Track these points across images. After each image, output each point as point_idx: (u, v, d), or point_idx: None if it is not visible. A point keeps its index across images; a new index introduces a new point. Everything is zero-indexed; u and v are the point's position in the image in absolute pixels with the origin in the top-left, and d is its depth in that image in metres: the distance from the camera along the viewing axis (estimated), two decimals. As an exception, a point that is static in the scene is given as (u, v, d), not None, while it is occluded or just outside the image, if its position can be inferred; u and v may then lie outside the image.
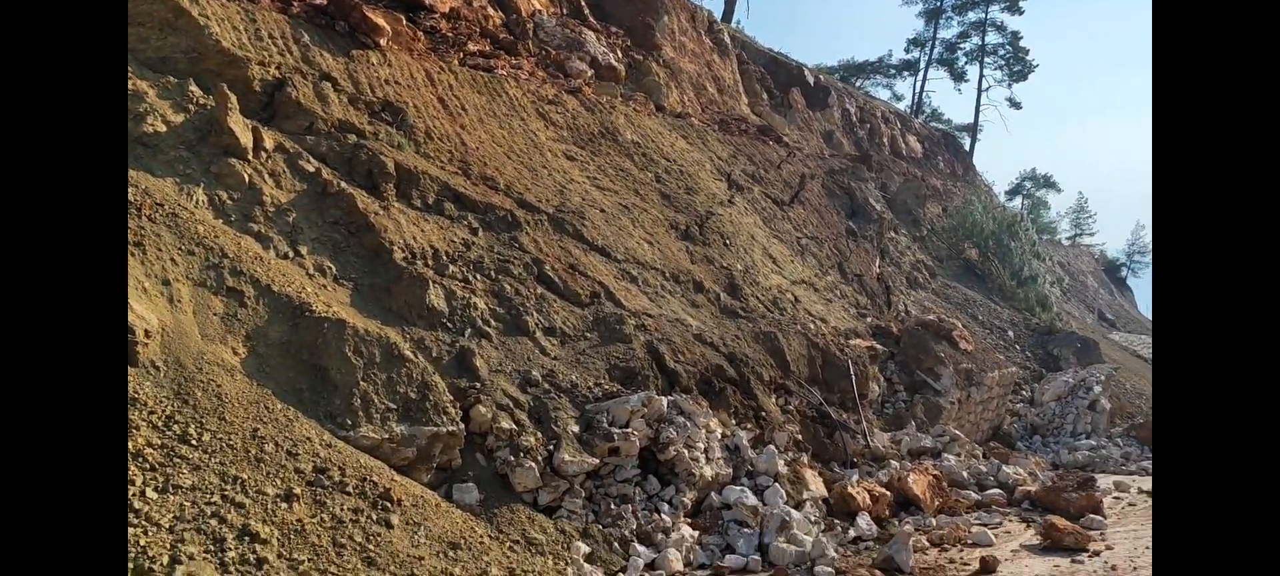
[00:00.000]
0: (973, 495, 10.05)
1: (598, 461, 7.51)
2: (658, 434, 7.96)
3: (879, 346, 12.65)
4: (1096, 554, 8.07)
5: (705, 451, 8.32)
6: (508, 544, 6.47)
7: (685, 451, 8.03)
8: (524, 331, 8.53)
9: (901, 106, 47.07)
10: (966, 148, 46.65)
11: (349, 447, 6.30)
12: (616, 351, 8.87)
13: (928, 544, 8.22)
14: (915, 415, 11.96)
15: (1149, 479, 12.35)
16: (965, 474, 10.51)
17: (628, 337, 9.08)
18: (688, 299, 10.80)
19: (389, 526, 5.77)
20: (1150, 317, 55.88)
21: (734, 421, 9.05)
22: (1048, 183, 62.84)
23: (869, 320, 14.43)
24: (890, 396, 12.56)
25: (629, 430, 7.77)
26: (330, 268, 7.84)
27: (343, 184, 8.55)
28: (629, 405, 7.91)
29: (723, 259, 12.37)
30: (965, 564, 7.67)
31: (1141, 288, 63.27)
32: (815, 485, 8.66)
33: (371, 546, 5.51)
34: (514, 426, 7.36)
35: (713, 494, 8.12)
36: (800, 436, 9.85)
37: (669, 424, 8.06)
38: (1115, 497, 10.98)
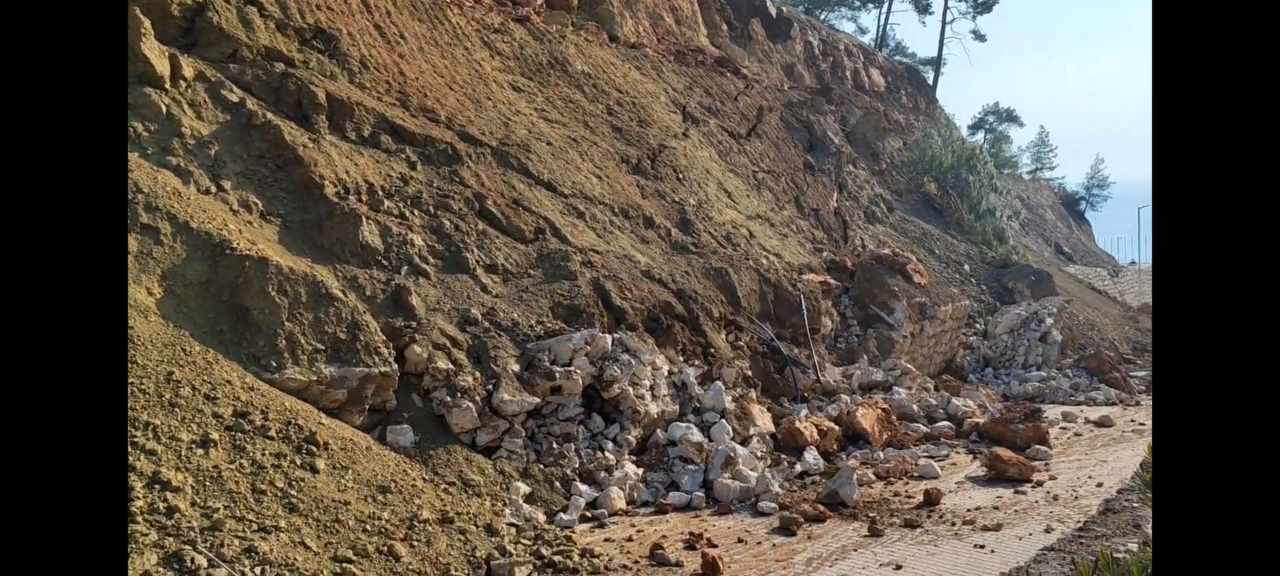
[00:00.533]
0: (922, 428, 10.07)
1: (539, 400, 7.34)
2: (602, 372, 7.79)
3: (833, 281, 12.55)
4: (1039, 484, 8.12)
5: (651, 388, 8.18)
6: (443, 486, 6.30)
7: (630, 389, 7.89)
8: (464, 268, 8.26)
9: (866, 40, 46.59)
10: (930, 82, 46.49)
11: (274, 391, 6.05)
12: (561, 288, 8.65)
13: (874, 477, 8.21)
14: (868, 349, 11.93)
15: (1096, 409, 12.51)
16: (915, 407, 10.52)
17: (573, 274, 8.85)
18: (637, 234, 10.57)
19: (314, 471, 5.56)
20: (1107, 251, 56.81)
21: (682, 358, 8.92)
22: (1010, 117, 62.86)
23: (825, 255, 14.32)
24: (843, 331, 12.51)
25: (572, 368, 7.60)
26: (256, 203, 7.48)
27: (269, 115, 8.13)
28: (572, 343, 7.73)
29: (675, 193, 12.13)
30: (910, 496, 7.67)
31: (1099, 221, 64.15)
32: (762, 420, 8.59)
33: (294, 492, 5.30)
34: (451, 366, 7.14)
35: (659, 431, 8.01)
36: (750, 372, 9.76)
37: (613, 361, 7.90)
38: (1062, 428, 11.10)
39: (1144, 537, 5.40)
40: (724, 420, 8.28)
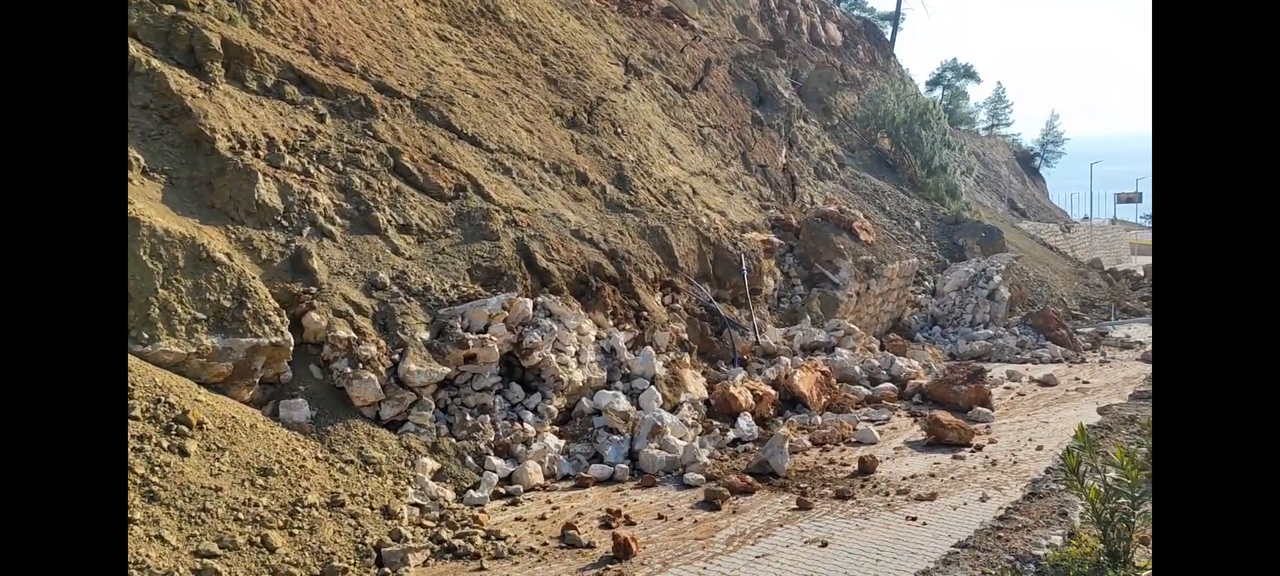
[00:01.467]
0: (863, 390, 9.78)
1: (450, 370, 6.86)
2: (521, 338, 7.32)
3: (776, 239, 12.15)
4: (979, 449, 7.85)
5: (576, 355, 7.74)
6: (338, 465, 5.82)
7: (552, 356, 7.43)
8: (374, 229, 7.70)
9: (823, -7, 45.94)
10: (888, 37, 46.09)
11: (143, 365, 5.49)
12: (481, 250, 8.13)
13: (810, 444, 7.88)
14: (811, 309, 11.59)
15: (1041, 367, 12.35)
16: (857, 368, 10.22)
17: (495, 234, 8.32)
18: (569, 192, 10.05)
19: (183, 454, 5.04)
20: (1061, 207, 57.34)
21: (612, 322, 8.47)
22: (968, 73, 62.97)
23: (772, 212, 13.92)
24: (787, 290, 12.15)
25: (487, 335, 7.12)
26: (137, 159, 6.83)
27: (155, 62, 7.42)
28: (487, 308, 7.23)
29: (613, 148, 11.60)
30: (845, 464, 7.35)
31: (1053, 177, 64.69)
32: (695, 386, 8.20)
33: (156, 478, 4.78)
34: (353, 334, 6.62)
35: (584, 399, 7.59)
36: (686, 335, 9.36)
37: (534, 327, 7.43)
38: (1006, 387, 10.90)
39: (1070, 528, 5.08)
40: (654, 387, 7.87)
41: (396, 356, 6.70)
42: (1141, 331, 16.54)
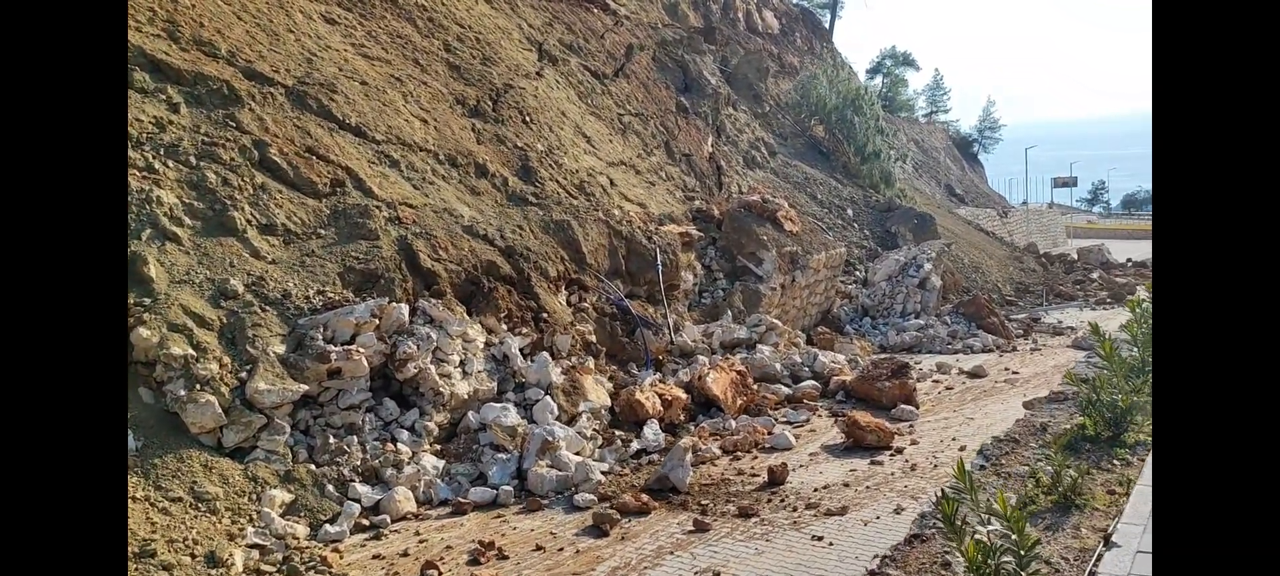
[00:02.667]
0: (783, 389, 9.23)
1: (308, 387, 6.10)
2: (395, 348, 6.59)
3: (695, 232, 11.56)
4: (899, 451, 7.34)
5: (462, 364, 7.04)
6: (160, 505, 5.04)
7: (432, 367, 6.72)
8: (230, 230, 6.88)
9: (760, -19, 45.55)
10: (826, 24, 45.96)
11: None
12: (356, 251, 7.36)
13: (719, 452, 7.29)
14: (733, 304, 11.02)
15: (972, 357, 11.98)
16: (778, 366, 9.68)
17: (373, 233, 7.57)
18: (466, 185, 9.32)
19: (-50, 505, 4.23)
20: (999, 192, 58.13)
21: (505, 326, 7.78)
22: (907, 61, 63.58)
23: (697, 203, 13.34)
24: (709, 285, 11.58)
25: (354, 346, 6.37)
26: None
27: (-34, 46, 6.50)
28: (354, 316, 6.49)
29: (519, 138, 10.87)
30: (754, 474, 6.78)
31: (991, 162, 65.67)
32: (597, 393, 7.55)
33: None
34: (191, 351, 5.82)
35: (470, 414, 6.88)
36: (594, 337, 8.71)
37: (410, 336, 6.70)
38: (934, 381, 10.47)
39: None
40: (549, 397, 7.20)
41: (244, 374, 5.93)
42: (1073, 316, 16.37)
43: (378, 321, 6.55)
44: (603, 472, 6.63)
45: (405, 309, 6.83)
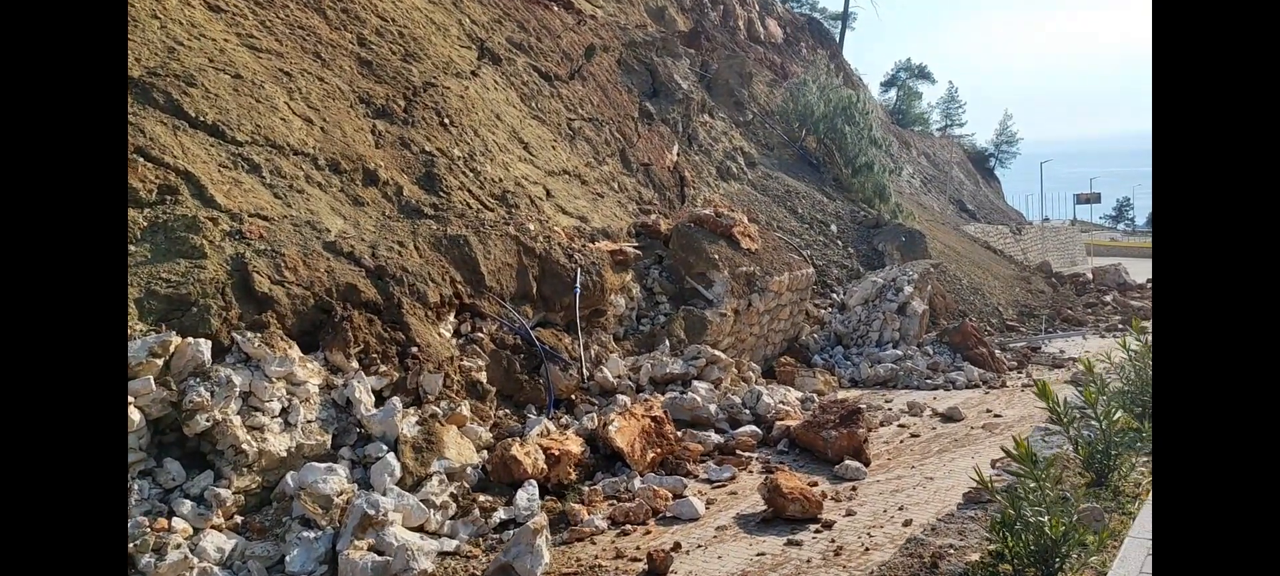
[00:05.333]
0: (713, 437, 7.84)
1: (50, 448, 4.80)
2: (183, 395, 5.29)
3: (632, 249, 10.18)
4: (827, 526, 5.93)
5: (284, 414, 5.73)
6: None
7: (236, 418, 5.41)
8: (1, 246, 5.62)
9: (765, -11, 44.44)
10: (834, 35, 44.60)
11: None
12: (169, 272, 6.08)
13: (605, 525, 5.93)
14: (673, 333, 9.65)
15: (953, 394, 10.54)
16: (713, 408, 8.29)
17: (197, 251, 6.28)
18: (348, 194, 8.04)
19: None
20: (1016, 208, 56.30)
21: (359, 364, 6.46)
22: (922, 74, 62.08)
23: (653, 218, 12.00)
24: (650, 310, 10.21)
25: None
26: None
27: None
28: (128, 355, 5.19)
29: (432, 142, 9.59)
30: (635, 559, 5.40)
31: (1008, 178, 63.79)
32: (458, 449, 6.20)
33: None
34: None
35: (290, 476, 5.56)
36: (486, 374, 7.38)
37: (204, 379, 5.40)
38: (899, 426, 9.03)
39: None
40: (392, 454, 5.87)
41: (-40, 432, 4.65)
42: (1078, 346, 14.83)
43: (158, 359, 5.25)
44: (442, 555, 5.30)
45: (206, 346, 5.52)
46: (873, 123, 20.69)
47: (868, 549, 5.51)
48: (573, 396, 8.08)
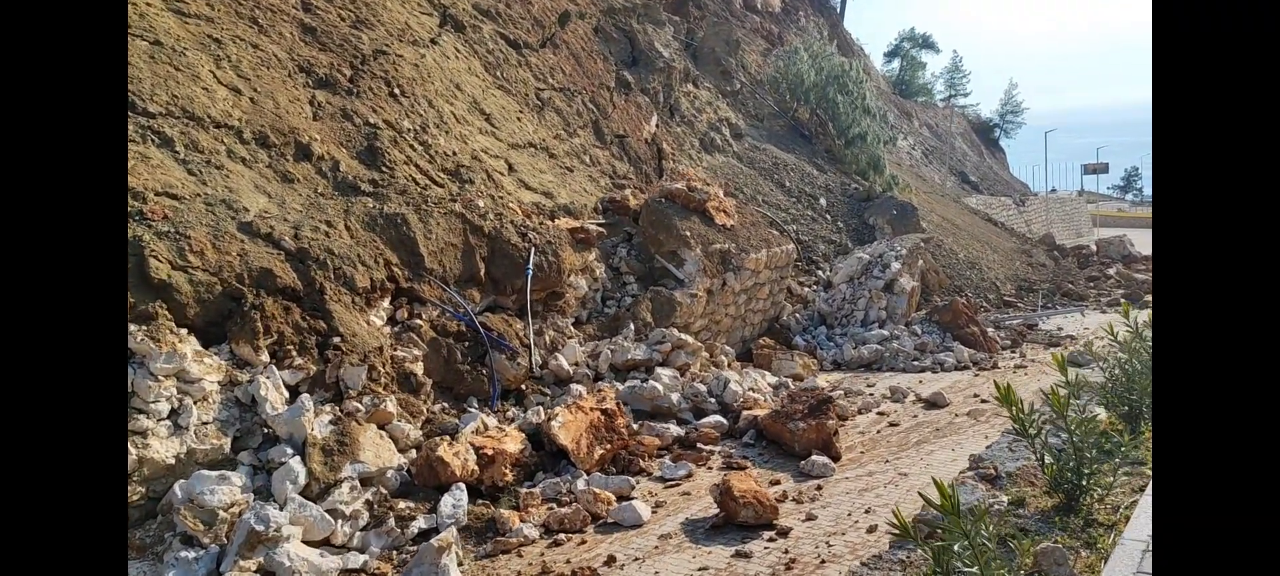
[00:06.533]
0: (673, 430, 7.24)
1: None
2: (50, 398, 4.69)
3: (594, 227, 9.53)
4: (783, 534, 5.34)
5: (172, 417, 5.15)
6: None
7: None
8: None
9: (762, -43, 43.35)
10: (833, 4, 43.59)
11: None
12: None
13: (537, 534, 5.35)
14: (639, 316, 9.03)
15: (940, 377, 9.92)
16: (676, 396, 7.69)
17: (87, 234, 5.67)
18: (276, 170, 7.42)
19: None
20: (1022, 180, 55.36)
21: (270, 357, 5.87)
22: (926, 43, 60.95)
23: (624, 193, 11.35)
24: (617, 291, 9.58)
25: (-23, 398, 4.48)
26: None
27: None
28: (-19, 354, 4.59)
29: (378, 114, 8.95)
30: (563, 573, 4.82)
31: (1014, 149, 63.01)
32: (376, 451, 5.61)
33: None
34: None
35: (178, 487, 4.98)
36: (422, 365, 6.79)
37: (74, 379, 4.80)
38: (878, 414, 8.43)
39: None
40: (302, 457, 5.28)
41: None
42: (1077, 322, 14.17)
43: (21, 361, 4.66)
44: (346, 573, 4.73)
45: (80, 341, 4.93)
46: (867, 92, 19.91)
47: (824, 561, 4.92)
48: (523, 387, 7.49)
